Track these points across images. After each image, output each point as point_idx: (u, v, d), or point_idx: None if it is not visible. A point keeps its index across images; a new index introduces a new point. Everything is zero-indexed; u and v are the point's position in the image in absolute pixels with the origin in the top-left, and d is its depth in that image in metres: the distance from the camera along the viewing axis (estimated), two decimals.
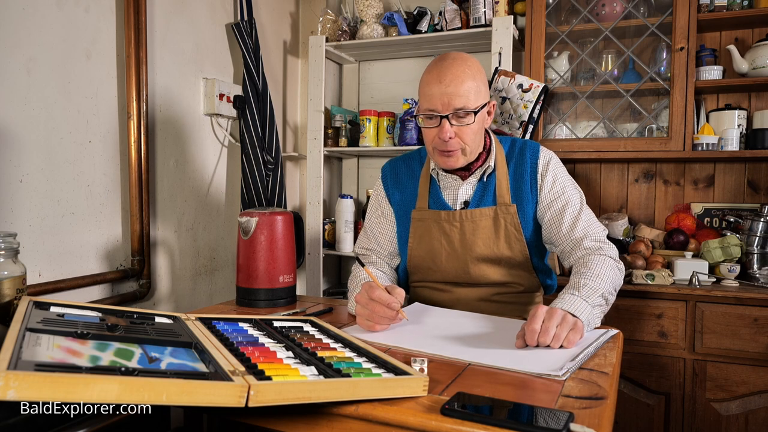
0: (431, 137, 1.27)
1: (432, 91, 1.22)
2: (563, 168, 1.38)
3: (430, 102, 1.23)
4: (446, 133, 1.22)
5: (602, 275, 1.15)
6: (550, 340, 0.97)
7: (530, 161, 1.35)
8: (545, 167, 1.34)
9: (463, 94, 1.20)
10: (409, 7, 2.51)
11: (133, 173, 1.70)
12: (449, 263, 1.38)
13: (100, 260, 1.63)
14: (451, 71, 1.21)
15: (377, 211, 1.49)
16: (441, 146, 1.26)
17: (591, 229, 1.30)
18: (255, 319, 1.10)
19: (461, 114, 1.22)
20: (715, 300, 1.80)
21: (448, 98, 1.20)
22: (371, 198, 1.54)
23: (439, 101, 1.21)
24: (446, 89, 1.20)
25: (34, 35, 1.42)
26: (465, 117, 1.23)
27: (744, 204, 2.19)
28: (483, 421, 0.67)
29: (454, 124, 1.23)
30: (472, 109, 1.22)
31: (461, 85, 1.20)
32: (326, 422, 0.75)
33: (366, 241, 1.50)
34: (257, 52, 2.16)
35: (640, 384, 1.89)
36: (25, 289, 0.97)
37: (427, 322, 1.19)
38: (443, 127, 1.22)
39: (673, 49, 2.00)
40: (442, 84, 1.21)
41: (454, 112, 1.22)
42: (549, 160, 1.35)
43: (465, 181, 1.37)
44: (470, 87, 1.21)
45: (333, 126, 2.52)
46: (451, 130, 1.22)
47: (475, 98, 1.23)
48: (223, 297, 2.18)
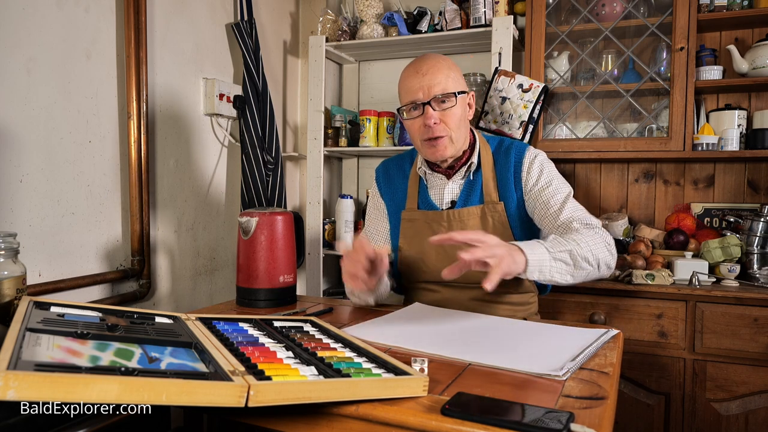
0: (416, 129, 1.30)
1: (411, 84, 1.28)
2: (551, 164, 1.38)
3: (411, 94, 1.28)
4: (431, 118, 1.26)
5: (580, 241, 1.14)
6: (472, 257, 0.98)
7: (514, 159, 1.36)
8: (531, 162, 1.34)
9: (441, 80, 1.26)
10: (409, 7, 2.51)
11: (133, 173, 1.70)
12: (439, 263, 1.37)
13: (100, 260, 1.63)
14: (426, 63, 1.28)
15: (374, 211, 1.52)
16: (427, 134, 1.28)
17: (578, 214, 1.28)
18: (255, 319, 1.10)
19: (442, 98, 1.26)
20: (715, 300, 1.80)
21: (428, 86, 1.26)
22: (369, 198, 1.56)
23: (419, 91, 1.27)
24: (424, 79, 1.26)
25: (34, 35, 1.42)
26: (447, 101, 1.27)
27: (744, 204, 2.19)
28: (483, 421, 0.67)
29: (437, 109, 1.27)
30: (452, 91, 1.27)
31: (438, 73, 1.26)
32: (326, 422, 0.75)
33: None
34: (257, 52, 2.16)
35: (640, 384, 1.89)
36: (25, 289, 0.97)
37: (427, 322, 1.19)
38: (427, 113, 1.26)
39: (673, 49, 2.00)
40: (419, 74, 1.27)
41: (435, 98, 1.26)
42: (535, 156, 1.36)
43: (450, 179, 1.37)
44: (447, 74, 1.28)
45: (333, 126, 2.52)
46: (435, 114, 1.26)
47: (454, 84, 1.28)
48: (223, 297, 2.18)
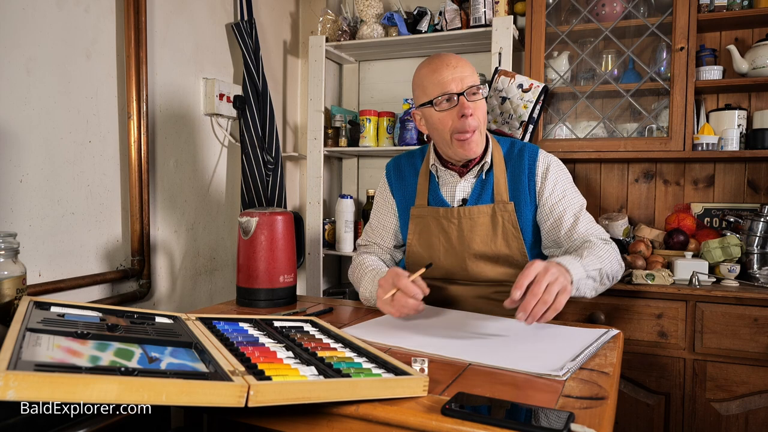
0: (448, 122, 1.29)
1: (443, 76, 1.28)
2: (565, 173, 1.39)
3: (444, 86, 1.28)
4: (468, 108, 1.26)
5: (605, 258, 1.21)
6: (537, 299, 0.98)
7: (528, 163, 1.36)
8: (545, 172, 1.35)
9: (470, 74, 1.29)
10: (409, 7, 2.51)
11: (133, 173, 1.70)
12: (447, 260, 1.38)
13: (100, 260, 1.63)
14: (453, 57, 1.31)
15: (382, 206, 1.51)
16: (462, 127, 1.28)
17: (592, 229, 1.33)
18: (255, 319, 1.10)
19: (474, 90, 1.28)
20: (715, 300, 1.79)
21: (460, 78, 1.27)
22: (376, 194, 1.56)
23: (452, 83, 1.27)
24: (455, 71, 1.28)
25: (34, 35, 1.42)
26: (477, 93, 1.29)
27: (744, 204, 2.19)
28: (483, 421, 0.67)
29: (470, 100, 1.28)
30: (479, 84, 1.30)
31: (467, 67, 1.30)
32: (326, 422, 0.75)
33: (370, 235, 1.52)
34: (257, 52, 2.16)
35: (640, 384, 1.89)
36: (25, 289, 0.97)
37: (427, 322, 1.19)
38: (462, 103, 1.27)
39: (673, 49, 2.00)
40: (450, 67, 1.28)
41: (468, 89, 1.28)
42: (549, 165, 1.36)
43: (463, 177, 1.38)
44: (472, 69, 1.31)
45: (333, 126, 2.52)
46: (470, 105, 1.27)
47: (477, 79, 1.32)
48: (223, 297, 2.18)
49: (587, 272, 1.14)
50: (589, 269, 1.15)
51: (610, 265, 1.23)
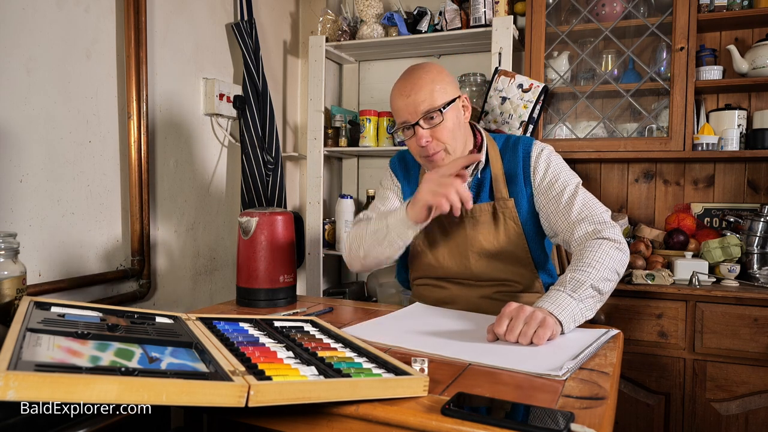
0: (413, 147, 1.33)
1: (399, 105, 1.30)
2: (558, 157, 1.38)
3: (400, 115, 1.30)
4: (422, 139, 1.27)
5: (594, 263, 1.13)
6: (515, 339, 0.99)
7: (522, 153, 1.36)
8: (537, 157, 1.35)
9: (425, 98, 1.26)
10: (409, 7, 2.51)
11: (133, 173, 1.70)
12: (450, 259, 1.39)
13: (100, 260, 1.63)
14: (410, 82, 1.29)
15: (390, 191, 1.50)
16: (423, 152, 1.31)
17: (588, 211, 1.27)
18: (255, 319, 1.10)
19: (429, 116, 1.27)
20: (715, 300, 1.80)
21: (413, 106, 1.27)
22: (380, 184, 1.55)
23: (406, 112, 1.28)
24: (408, 99, 1.27)
25: (34, 35, 1.42)
26: (434, 117, 1.27)
27: (744, 204, 2.19)
28: (483, 422, 0.67)
29: (426, 127, 1.28)
30: (437, 107, 1.26)
31: (420, 91, 1.27)
32: (326, 422, 0.75)
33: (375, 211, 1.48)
34: (257, 52, 2.16)
35: (640, 384, 1.89)
36: (25, 289, 0.97)
37: (427, 322, 1.19)
38: (417, 133, 1.28)
39: (673, 49, 2.00)
40: (404, 95, 1.28)
41: (422, 117, 1.27)
42: (542, 150, 1.36)
43: None
44: (430, 89, 1.27)
45: (333, 126, 2.52)
46: (426, 134, 1.27)
47: (440, 96, 1.27)
48: (223, 297, 2.18)
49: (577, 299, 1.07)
50: (578, 293, 1.08)
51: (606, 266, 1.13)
